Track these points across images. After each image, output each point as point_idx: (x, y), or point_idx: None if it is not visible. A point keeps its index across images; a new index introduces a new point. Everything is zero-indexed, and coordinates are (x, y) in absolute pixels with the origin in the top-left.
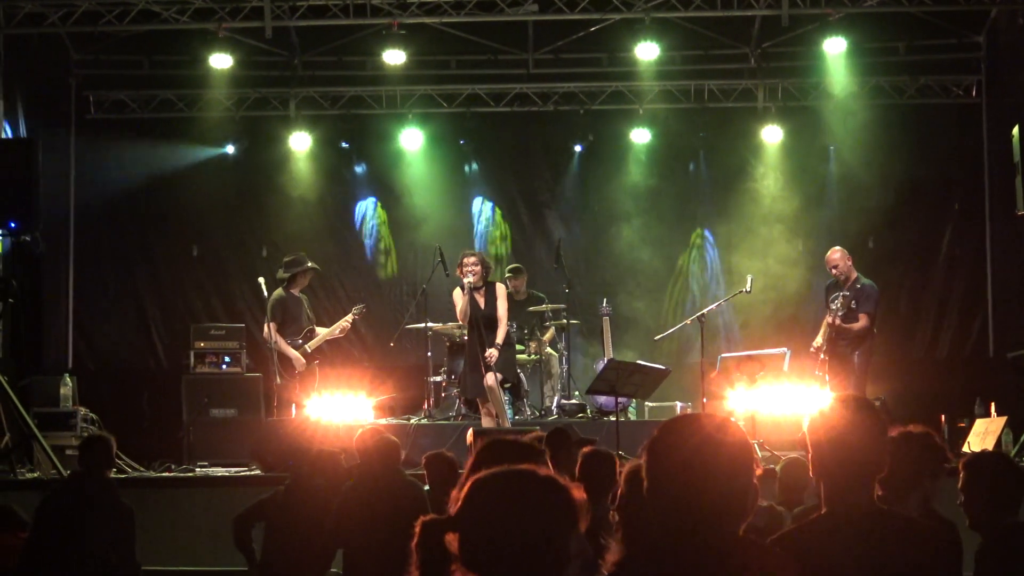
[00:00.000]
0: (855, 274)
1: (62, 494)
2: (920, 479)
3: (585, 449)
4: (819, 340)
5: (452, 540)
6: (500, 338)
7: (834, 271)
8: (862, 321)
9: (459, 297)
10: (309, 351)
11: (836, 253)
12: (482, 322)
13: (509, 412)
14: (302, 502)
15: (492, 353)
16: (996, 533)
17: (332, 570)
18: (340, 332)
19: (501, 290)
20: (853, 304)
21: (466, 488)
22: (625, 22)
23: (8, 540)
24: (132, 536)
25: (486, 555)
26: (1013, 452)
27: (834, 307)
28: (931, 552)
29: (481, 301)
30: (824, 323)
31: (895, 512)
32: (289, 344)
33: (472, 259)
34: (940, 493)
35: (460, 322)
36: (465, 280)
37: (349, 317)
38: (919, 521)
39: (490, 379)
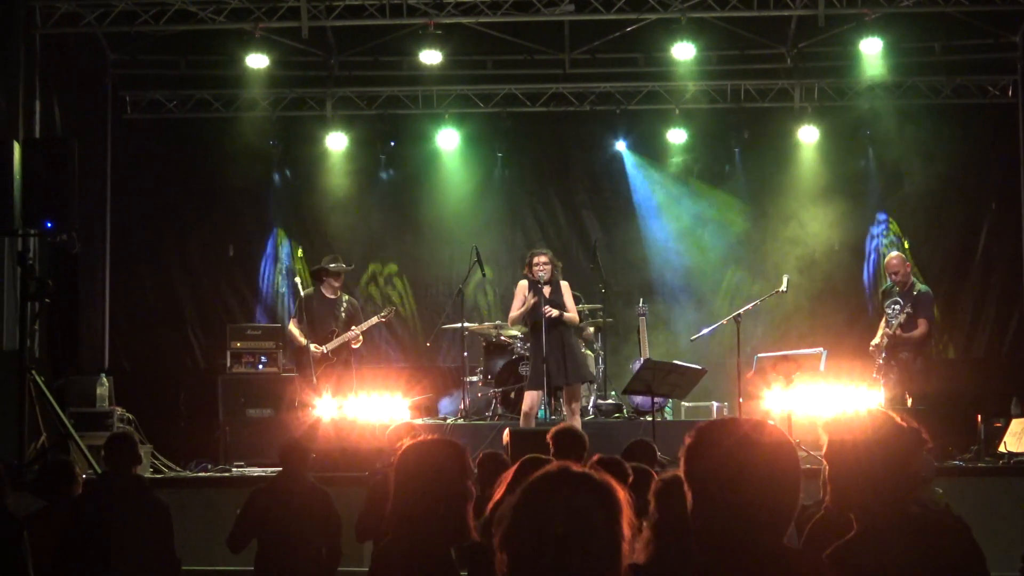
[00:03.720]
0: (912, 280)
1: (92, 493)
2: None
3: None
4: (877, 340)
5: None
6: (571, 319)
7: (893, 277)
8: (921, 328)
9: (522, 291)
10: (326, 351)
11: (895, 259)
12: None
13: (542, 413)
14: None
15: (550, 309)
16: None
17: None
18: (356, 338)
19: (567, 287)
20: (910, 310)
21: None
22: (661, 22)
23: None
24: (169, 531)
25: (532, 552)
26: None
27: (890, 313)
28: (967, 545)
29: (548, 293)
30: (881, 327)
31: (928, 513)
32: (308, 343)
33: (543, 257)
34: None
35: (513, 315)
36: (537, 278)
37: (373, 319)
38: (951, 516)
39: (574, 395)
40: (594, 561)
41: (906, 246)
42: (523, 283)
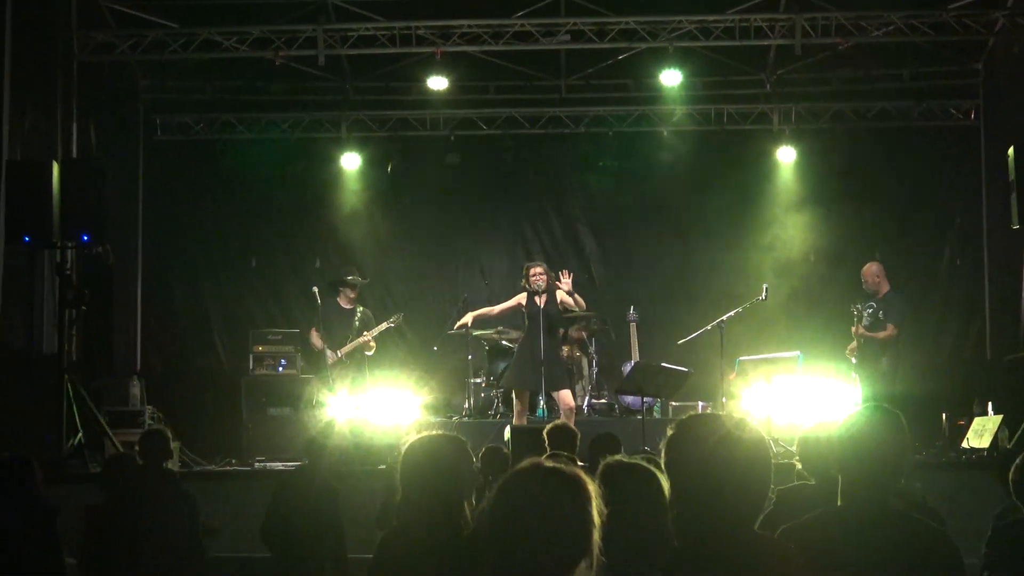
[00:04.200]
0: (886, 287)
1: (125, 485)
2: None
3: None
4: (853, 344)
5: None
6: (570, 300)
7: (865, 284)
8: (888, 330)
9: (517, 299)
10: (340, 355)
11: (865, 268)
12: (543, 321)
13: (540, 413)
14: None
15: (571, 300)
16: None
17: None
18: (366, 345)
19: (561, 292)
20: (880, 314)
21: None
22: (650, 51)
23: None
24: (196, 521)
25: (511, 541)
26: (1009, 447)
27: (855, 315)
28: (940, 555)
29: (541, 301)
30: (853, 331)
31: (909, 514)
32: (325, 347)
33: (539, 269)
34: None
35: (492, 311)
36: (534, 287)
37: (383, 325)
38: (930, 525)
39: (568, 398)
40: (567, 546)
41: (877, 256)
42: (523, 295)
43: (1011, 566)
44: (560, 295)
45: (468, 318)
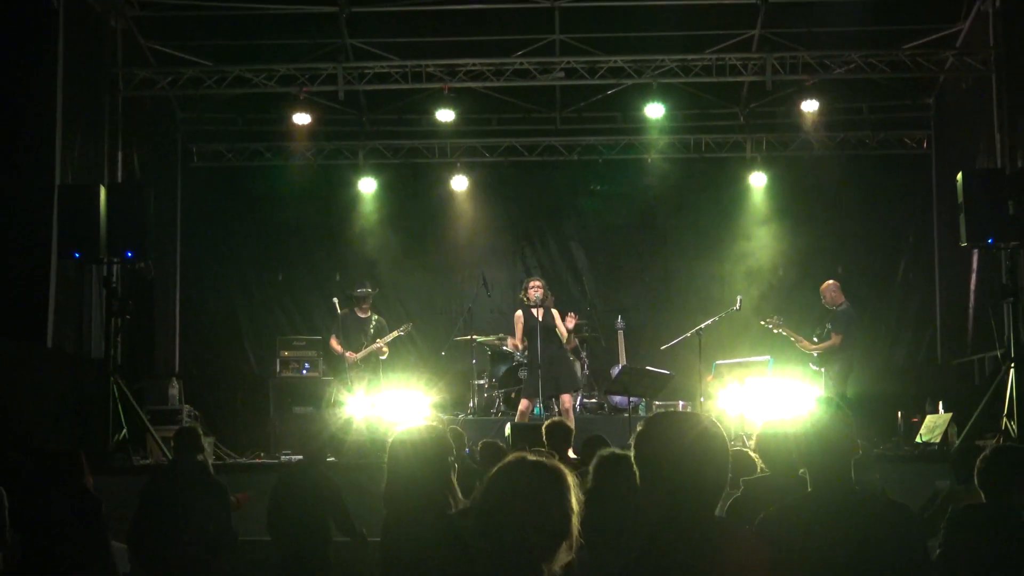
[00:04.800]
0: (840, 301)
1: (162, 477)
2: None
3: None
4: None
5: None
6: (564, 330)
7: (823, 300)
8: (831, 340)
9: (519, 320)
10: (355, 359)
11: (824, 285)
12: (541, 333)
13: (537, 411)
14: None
15: (565, 329)
16: None
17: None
18: (379, 351)
19: (556, 312)
20: (828, 327)
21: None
22: (636, 87)
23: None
24: (227, 508)
25: (499, 527)
26: (957, 443)
27: (770, 326)
28: (905, 528)
29: (538, 314)
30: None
31: (873, 493)
32: (343, 352)
33: (537, 283)
34: None
35: (519, 338)
36: (533, 299)
37: (394, 333)
38: (894, 500)
39: (567, 401)
40: (549, 530)
41: (839, 272)
42: (519, 313)
43: (967, 550)
44: (557, 320)
45: (511, 344)
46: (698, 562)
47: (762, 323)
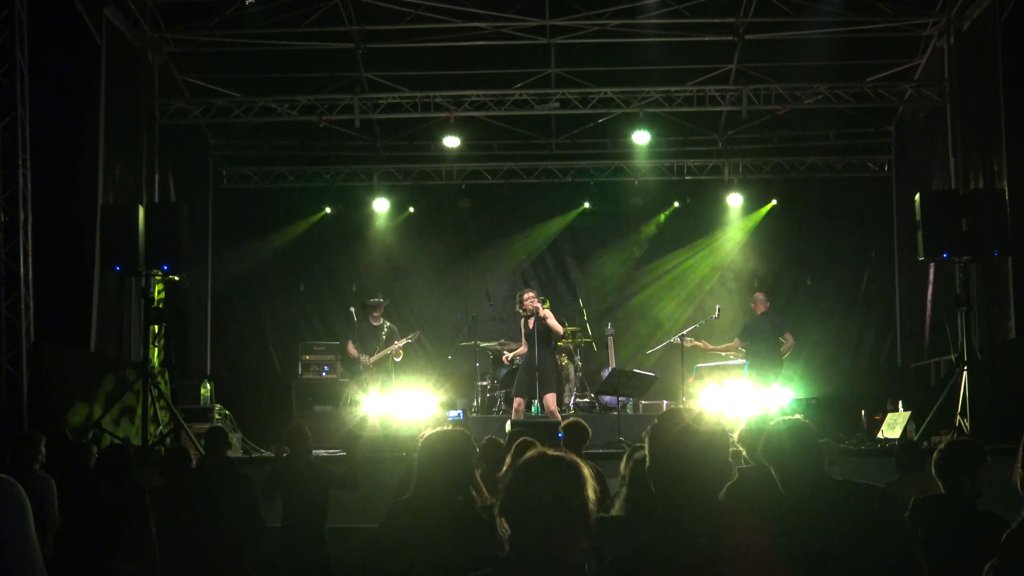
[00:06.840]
0: (760, 311)
1: (192, 471)
2: None
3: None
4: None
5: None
6: (557, 325)
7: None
8: (789, 340)
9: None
10: (369, 363)
11: (753, 298)
12: (536, 338)
13: (535, 410)
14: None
15: (556, 323)
16: None
17: None
18: (395, 353)
19: (547, 312)
20: (768, 326)
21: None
22: (625, 116)
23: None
24: (253, 497)
25: (523, 516)
26: (915, 437)
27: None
28: (882, 502)
29: (531, 323)
30: None
31: (848, 480)
32: (359, 356)
33: (530, 294)
34: None
35: (518, 351)
36: (529, 309)
37: (403, 341)
38: (870, 484)
39: (551, 402)
40: (569, 520)
41: (809, 283)
42: (522, 322)
43: (927, 537)
44: (550, 320)
45: (510, 355)
46: (706, 539)
47: (674, 340)
